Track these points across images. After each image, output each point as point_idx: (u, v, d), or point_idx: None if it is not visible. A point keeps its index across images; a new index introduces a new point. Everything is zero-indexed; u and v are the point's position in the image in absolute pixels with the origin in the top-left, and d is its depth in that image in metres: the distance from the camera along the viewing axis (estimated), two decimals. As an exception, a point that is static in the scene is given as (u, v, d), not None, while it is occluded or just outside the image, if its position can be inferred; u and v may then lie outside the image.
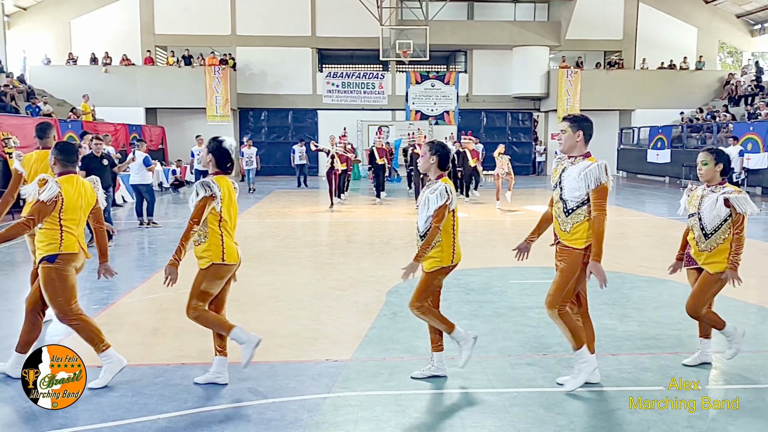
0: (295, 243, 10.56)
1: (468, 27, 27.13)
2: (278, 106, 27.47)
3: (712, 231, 4.58)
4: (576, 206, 4.25)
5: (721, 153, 4.59)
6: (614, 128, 28.63)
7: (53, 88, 23.93)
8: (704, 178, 4.62)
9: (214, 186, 4.35)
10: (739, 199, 4.47)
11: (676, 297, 6.99)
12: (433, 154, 4.55)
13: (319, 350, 5.20)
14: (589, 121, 4.32)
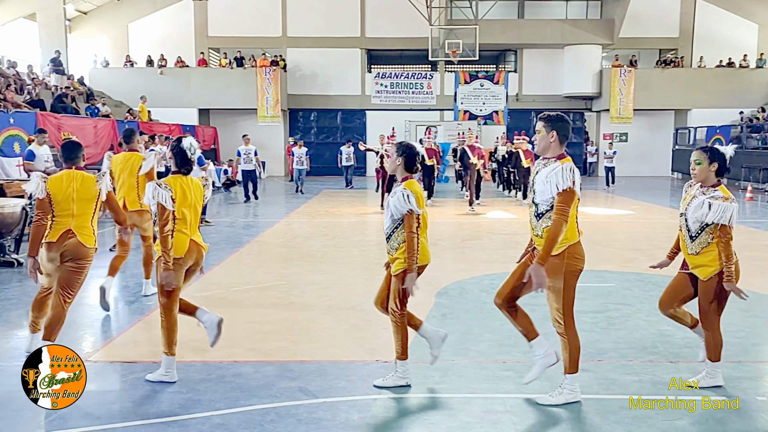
0: (344, 243, 10.60)
1: (518, 26, 26.83)
2: (327, 107, 27.68)
3: (695, 234, 4.36)
4: (546, 210, 4.08)
5: (716, 152, 4.31)
6: (669, 128, 27.86)
7: (111, 89, 24.66)
8: (697, 178, 4.36)
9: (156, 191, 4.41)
10: (721, 206, 4.18)
11: (737, 303, 6.72)
12: (400, 155, 4.46)
13: (368, 351, 5.20)
14: (565, 120, 4.11)
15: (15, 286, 7.47)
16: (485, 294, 7.02)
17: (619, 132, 27.61)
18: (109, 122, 16.83)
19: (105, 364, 4.96)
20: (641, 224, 12.69)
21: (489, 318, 6.08)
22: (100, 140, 15.95)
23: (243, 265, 8.71)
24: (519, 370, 4.73)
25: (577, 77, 27.06)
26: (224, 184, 20.66)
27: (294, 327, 5.83)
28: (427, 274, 7.94)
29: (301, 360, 4.97)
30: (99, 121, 16.67)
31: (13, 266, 8.50)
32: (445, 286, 7.35)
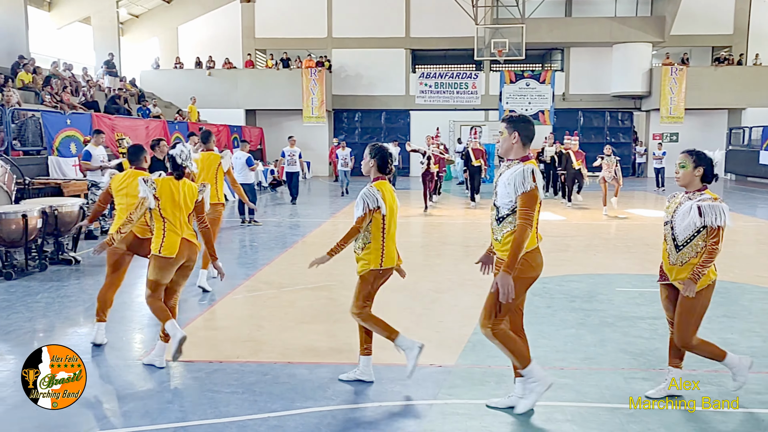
0: (391, 244, 10.59)
1: (566, 24, 26.39)
2: (371, 107, 27.72)
3: (683, 243, 4.12)
4: (507, 214, 3.95)
5: (702, 156, 4.11)
6: (722, 128, 27.03)
7: (161, 90, 25.17)
8: (680, 182, 4.17)
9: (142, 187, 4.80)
10: (714, 207, 3.98)
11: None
12: (372, 156, 4.54)
13: (422, 354, 5.14)
14: (527, 121, 3.99)
15: (73, 284, 7.67)
16: (537, 298, 6.90)
17: (669, 132, 26.92)
18: (160, 123, 17.18)
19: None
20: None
21: (543, 323, 5.99)
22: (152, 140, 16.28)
23: (292, 265, 8.77)
24: (578, 377, 4.63)
25: (626, 76, 26.48)
26: (270, 184, 20.89)
27: (345, 328, 5.82)
28: (475, 276, 7.91)
29: (354, 363, 4.94)
30: (150, 122, 17.03)
31: (71, 264, 8.74)
32: (496, 290, 7.25)
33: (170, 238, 4.83)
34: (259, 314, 6.34)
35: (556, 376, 4.64)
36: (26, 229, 7.92)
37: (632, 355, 5.13)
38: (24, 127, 12.35)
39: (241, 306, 6.72)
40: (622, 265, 8.72)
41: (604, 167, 14.18)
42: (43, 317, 6.31)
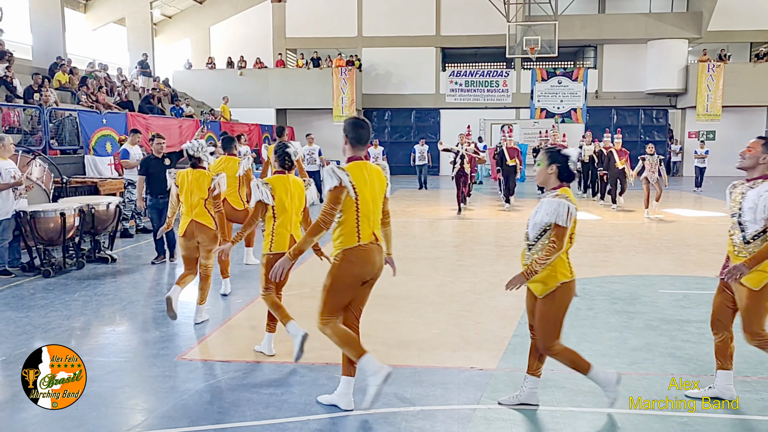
0: (424, 243, 10.47)
1: (599, 21, 25.96)
2: (401, 106, 27.62)
3: (534, 240, 3.96)
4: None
5: (557, 154, 3.91)
6: (761, 126, 26.33)
7: (194, 90, 25.39)
8: (537, 180, 4.04)
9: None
10: (552, 203, 3.77)
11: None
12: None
13: (462, 357, 5.04)
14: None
15: (109, 282, 7.71)
16: (578, 299, 6.68)
17: (705, 130, 26.34)
18: (193, 122, 17.30)
19: (200, 363, 5.00)
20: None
21: (585, 325, 5.83)
22: (185, 140, 16.38)
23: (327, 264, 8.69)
24: (625, 382, 4.45)
25: (661, 73, 25.96)
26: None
27: (383, 329, 5.74)
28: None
29: (394, 365, 4.83)
30: (184, 121, 17.16)
31: (107, 262, 8.80)
32: (534, 291, 7.09)
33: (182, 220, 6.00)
34: (294, 313, 6.25)
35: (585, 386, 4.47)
36: (64, 227, 8.00)
37: (681, 360, 4.94)
38: (61, 126, 12.52)
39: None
40: (664, 266, 8.49)
41: (647, 167, 13.41)
42: (81, 315, 6.33)
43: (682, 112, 26.81)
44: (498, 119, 26.84)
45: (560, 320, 4.03)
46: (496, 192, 18.90)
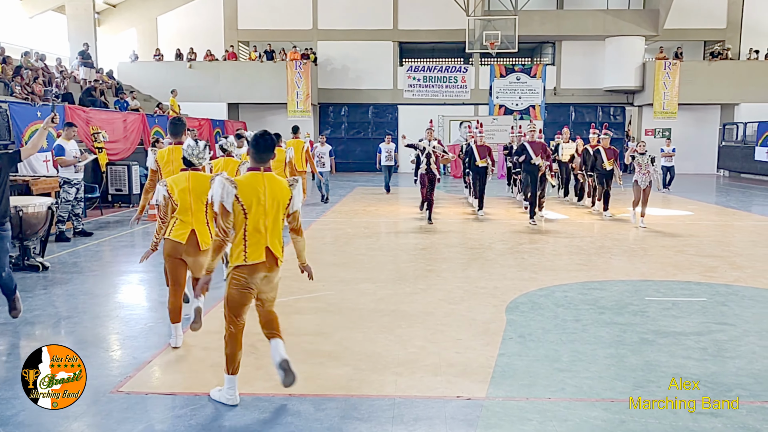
0: (389, 245, 9.84)
1: (558, 17, 25.77)
2: (358, 101, 26.95)
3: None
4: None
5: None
6: (715, 124, 26.66)
7: (140, 83, 24.18)
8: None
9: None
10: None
11: None
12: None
13: (445, 383, 4.42)
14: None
15: (39, 295, 6.83)
16: (562, 309, 6.21)
17: (662, 128, 26.48)
18: (138, 116, 16.25)
19: (139, 397, 4.23)
20: (706, 226, 11.71)
21: (576, 340, 5.27)
22: (130, 135, 15.36)
23: (285, 270, 7.92)
24: (634, 413, 3.91)
25: (619, 70, 25.96)
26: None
27: (352, 349, 5.08)
28: (489, 284, 7.21)
29: (368, 395, 4.21)
30: (128, 115, 16.10)
31: (38, 271, 7.88)
32: (513, 300, 6.54)
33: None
34: (251, 332, 5.53)
35: (608, 412, 3.92)
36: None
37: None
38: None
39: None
40: (644, 269, 8.05)
41: (637, 169, 11.41)
42: (1, 336, 5.47)
43: (639, 109, 26.89)
44: (457, 116, 26.43)
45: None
46: (458, 190, 18.39)
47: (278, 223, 4.02)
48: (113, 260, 8.90)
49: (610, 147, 12.78)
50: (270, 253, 3.99)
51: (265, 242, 3.94)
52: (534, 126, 12.47)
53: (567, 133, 15.05)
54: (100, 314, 6.14)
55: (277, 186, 3.99)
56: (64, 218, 10.02)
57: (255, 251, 3.92)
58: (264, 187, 3.91)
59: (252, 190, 3.86)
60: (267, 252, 3.97)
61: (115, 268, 8.41)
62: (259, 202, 3.88)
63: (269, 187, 3.93)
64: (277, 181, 4.00)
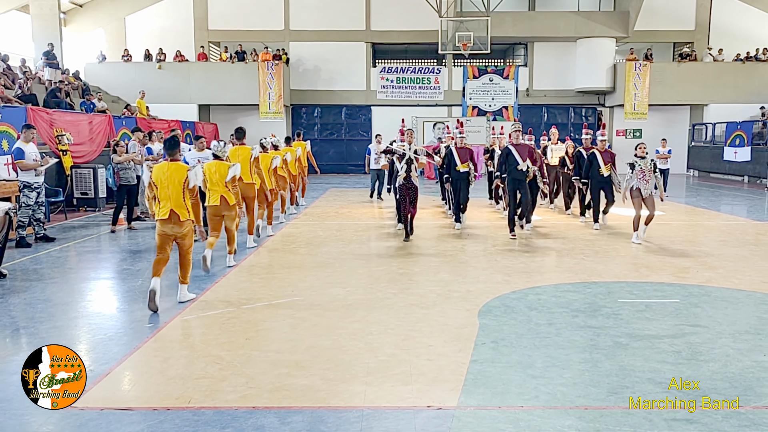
0: (362, 249, 9.67)
1: (529, 18, 25.84)
2: (331, 103, 26.73)
3: None
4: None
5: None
6: (685, 124, 26.99)
7: (108, 84, 23.68)
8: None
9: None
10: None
11: None
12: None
13: (415, 392, 4.28)
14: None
15: (-5, 304, 6.54)
16: (535, 313, 6.11)
17: (633, 128, 26.73)
18: (105, 118, 15.87)
19: (94, 413, 4.01)
20: (677, 227, 11.76)
21: (549, 345, 5.17)
22: (96, 137, 15.00)
23: (253, 276, 7.79)
24: (610, 421, 3.80)
25: (590, 71, 26.12)
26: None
27: (320, 357, 4.91)
28: (461, 288, 7.09)
29: (335, 406, 4.05)
30: (95, 117, 15.72)
31: None
32: (486, 303, 6.43)
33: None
34: (216, 341, 5.36)
35: (582, 420, 3.82)
36: (-62, 240, 6.75)
37: (662, 386, 4.34)
38: (-54, 121, 11.01)
39: (194, 330, 5.72)
40: (617, 271, 8.01)
41: (637, 175, 9.82)
42: (-48, 349, 5.20)
43: (611, 110, 27.09)
44: (430, 117, 26.35)
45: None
46: (432, 191, 18.29)
47: (178, 194, 6.28)
48: (76, 266, 8.61)
49: (607, 150, 11.31)
50: (174, 213, 6.26)
51: (169, 208, 6.27)
52: (519, 126, 10.72)
53: (556, 134, 13.72)
54: (58, 324, 5.89)
55: (176, 170, 6.31)
56: (24, 223, 9.69)
57: (162, 214, 6.29)
58: (167, 171, 6.29)
59: (161, 174, 6.29)
60: (171, 212, 6.26)
61: (77, 274, 8.13)
62: (164, 181, 6.26)
63: (170, 170, 6.29)
64: (176, 167, 6.33)
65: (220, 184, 7.92)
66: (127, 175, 11.38)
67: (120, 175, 11.38)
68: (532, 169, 10.49)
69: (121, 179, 11.37)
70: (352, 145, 27.03)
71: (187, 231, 6.41)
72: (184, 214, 6.28)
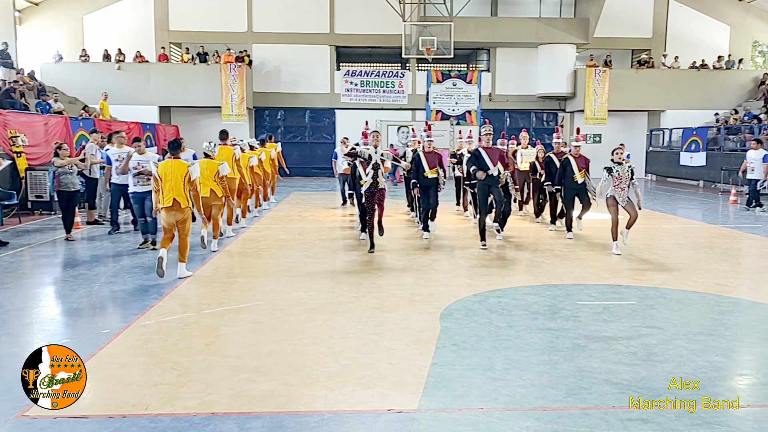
0: (324, 252, 9.63)
1: (492, 24, 26.15)
2: (295, 105, 26.62)
3: None
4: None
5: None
6: (643, 129, 27.62)
7: (65, 85, 23.18)
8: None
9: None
10: None
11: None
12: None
13: (376, 395, 4.27)
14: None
15: (-56, 310, 6.32)
16: (496, 315, 6.17)
17: (593, 133, 27.21)
18: (61, 119, 15.51)
19: (48, 422, 3.91)
20: (635, 230, 11.88)
21: (510, 347, 5.23)
22: (52, 138, 14.62)
23: (214, 280, 7.70)
24: (567, 422, 3.86)
25: (552, 77, 26.54)
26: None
27: (281, 362, 4.88)
28: (423, 291, 7.11)
29: (296, 411, 4.02)
30: (50, 118, 15.35)
31: (-56, 284, 7.31)
32: (448, 306, 6.47)
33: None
34: (175, 347, 5.27)
35: (540, 422, 3.87)
36: None
37: (619, 387, 4.42)
38: None
39: (152, 336, 5.62)
40: (576, 273, 8.14)
41: (613, 181, 9.36)
42: None
43: (571, 115, 27.54)
44: (395, 120, 26.45)
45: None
46: (394, 194, 18.31)
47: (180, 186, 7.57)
48: (29, 272, 8.39)
49: (581, 155, 10.80)
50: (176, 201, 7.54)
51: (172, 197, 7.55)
52: (490, 130, 10.11)
53: (526, 138, 13.10)
54: (11, 330, 5.73)
55: (178, 166, 7.62)
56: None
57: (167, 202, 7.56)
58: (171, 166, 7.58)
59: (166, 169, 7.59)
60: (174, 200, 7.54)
61: (31, 279, 7.91)
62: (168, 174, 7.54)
63: (173, 166, 7.60)
64: (178, 163, 7.65)
65: (211, 179, 9.30)
66: (67, 180, 10.41)
67: (60, 180, 10.39)
68: (504, 174, 10.07)
69: (61, 185, 10.38)
70: (315, 148, 26.95)
71: (186, 216, 7.72)
72: (184, 202, 7.60)
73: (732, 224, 12.91)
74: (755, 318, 6.25)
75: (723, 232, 11.88)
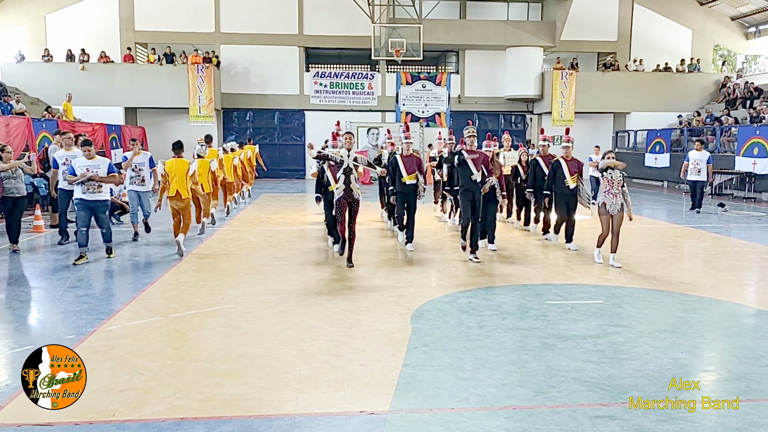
0: (294, 255, 9.58)
1: (461, 26, 26.33)
2: (264, 107, 26.46)
3: None
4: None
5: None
6: (608, 131, 28.03)
7: (27, 85, 22.71)
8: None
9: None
10: None
11: (740, 321, 6.17)
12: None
13: (348, 397, 4.27)
14: None
15: None
16: (466, 316, 6.21)
17: (560, 135, 27.53)
18: (23, 120, 15.17)
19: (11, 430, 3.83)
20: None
21: (480, 348, 5.26)
22: (13, 140, 14.30)
23: (182, 284, 7.60)
24: (536, 420, 3.90)
25: (519, 79, 26.82)
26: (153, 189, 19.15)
27: (252, 366, 4.84)
28: (394, 292, 7.13)
29: (266, 414, 3.99)
30: (12, 119, 15.01)
31: None
32: (419, 308, 6.49)
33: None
34: (143, 351, 5.19)
35: (510, 420, 3.90)
36: None
37: (587, 385, 4.48)
38: None
39: (119, 341, 5.52)
40: (545, 274, 8.23)
41: (605, 187, 8.67)
42: None
43: (539, 117, 27.86)
44: (364, 122, 26.46)
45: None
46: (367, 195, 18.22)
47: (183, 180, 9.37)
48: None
49: (573, 158, 9.91)
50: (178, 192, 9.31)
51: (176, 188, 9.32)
52: (473, 131, 9.16)
53: (509, 140, 12.48)
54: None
55: (181, 163, 9.41)
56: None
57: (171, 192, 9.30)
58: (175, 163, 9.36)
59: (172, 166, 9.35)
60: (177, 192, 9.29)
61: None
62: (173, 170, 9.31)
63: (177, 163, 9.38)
64: (180, 161, 9.44)
65: (203, 175, 11.23)
66: (11, 185, 9.65)
67: (4, 185, 9.61)
68: (490, 181, 9.21)
69: (5, 190, 9.61)
70: (285, 150, 26.84)
71: (186, 204, 9.48)
72: (185, 193, 9.37)
73: (696, 224, 13.20)
74: (718, 315, 6.40)
75: (687, 232, 12.14)
